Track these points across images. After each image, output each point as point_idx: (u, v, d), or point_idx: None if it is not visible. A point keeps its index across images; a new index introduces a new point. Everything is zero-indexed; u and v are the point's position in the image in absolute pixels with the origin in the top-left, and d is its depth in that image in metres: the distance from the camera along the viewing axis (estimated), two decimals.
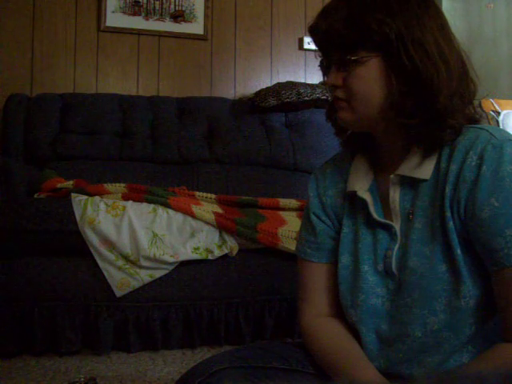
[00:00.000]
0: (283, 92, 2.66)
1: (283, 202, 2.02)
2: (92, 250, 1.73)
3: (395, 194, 0.78)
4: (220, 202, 1.99)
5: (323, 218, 0.89)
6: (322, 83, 2.71)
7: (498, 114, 2.87)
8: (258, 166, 2.61)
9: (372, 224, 0.81)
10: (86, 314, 1.76)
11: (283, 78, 3.01)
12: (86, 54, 2.78)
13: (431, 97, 0.72)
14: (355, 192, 0.82)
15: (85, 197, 1.82)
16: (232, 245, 1.82)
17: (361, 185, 0.83)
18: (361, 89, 0.75)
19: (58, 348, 1.74)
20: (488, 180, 0.68)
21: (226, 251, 1.82)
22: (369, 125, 0.79)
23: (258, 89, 2.82)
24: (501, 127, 2.81)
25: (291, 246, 1.78)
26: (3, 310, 1.71)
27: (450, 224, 0.71)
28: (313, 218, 0.90)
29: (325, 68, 0.81)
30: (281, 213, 1.96)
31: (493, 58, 4.68)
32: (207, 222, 1.80)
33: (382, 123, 0.77)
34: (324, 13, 0.77)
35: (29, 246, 1.74)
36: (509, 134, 0.73)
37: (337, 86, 0.77)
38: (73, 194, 1.84)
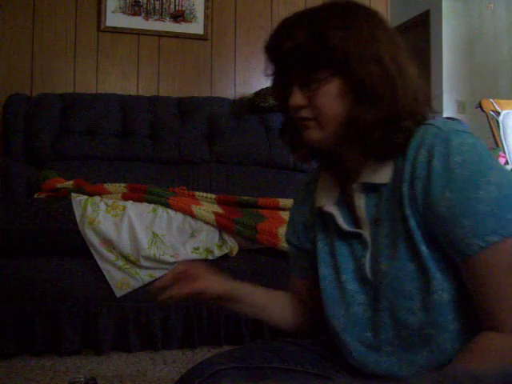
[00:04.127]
0: None
1: (283, 202, 2.02)
2: (92, 250, 1.73)
3: (360, 202, 0.80)
4: (220, 202, 1.99)
5: (296, 243, 0.96)
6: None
7: (498, 113, 2.87)
8: (258, 166, 2.61)
9: (345, 235, 0.83)
10: (86, 314, 1.76)
11: None
12: (86, 54, 2.78)
13: (386, 108, 0.73)
14: (322, 207, 0.85)
15: (85, 197, 1.82)
16: (232, 245, 1.82)
17: (327, 199, 0.85)
18: (327, 106, 0.75)
19: (58, 348, 1.74)
20: (439, 174, 0.69)
21: (226, 251, 1.82)
22: (335, 140, 0.78)
23: (258, 89, 2.83)
24: (500, 127, 2.80)
25: None
26: (3, 310, 1.71)
27: (412, 222, 0.72)
28: (288, 243, 0.99)
29: (281, 87, 0.81)
30: (281, 213, 1.96)
31: (493, 57, 4.68)
32: (207, 222, 1.80)
33: (345, 137, 0.77)
34: (283, 31, 0.78)
35: (29, 246, 1.74)
36: (457, 124, 0.74)
37: (303, 106, 0.77)
38: (73, 194, 1.84)
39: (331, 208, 0.84)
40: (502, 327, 0.66)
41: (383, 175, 0.76)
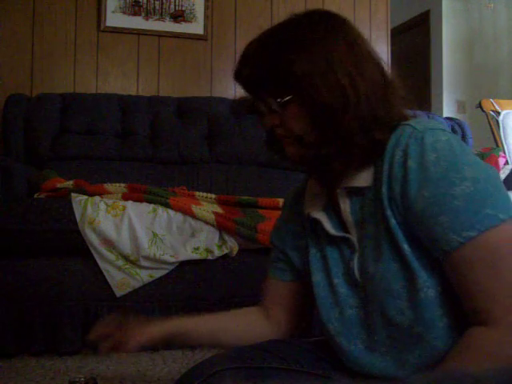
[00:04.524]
0: None
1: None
2: (92, 250, 1.73)
3: (345, 207, 0.81)
4: (220, 202, 1.99)
5: (279, 245, 0.97)
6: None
7: (498, 113, 2.87)
8: (258, 166, 2.61)
9: (334, 239, 0.84)
10: (85, 314, 1.76)
11: None
12: (86, 54, 2.78)
13: (342, 124, 0.74)
14: (310, 213, 0.86)
15: (85, 197, 1.82)
16: (232, 245, 1.82)
17: (315, 205, 0.86)
18: (294, 126, 0.77)
19: (58, 348, 1.74)
20: (415, 173, 0.70)
21: (226, 251, 1.82)
22: (315, 154, 0.79)
23: None
24: (500, 127, 2.81)
25: None
26: (3, 310, 1.71)
27: (392, 222, 0.73)
28: (273, 245, 1.00)
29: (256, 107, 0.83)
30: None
31: (493, 57, 4.68)
32: (207, 222, 1.80)
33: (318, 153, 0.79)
34: (243, 60, 0.80)
35: (29, 246, 1.74)
36: (432, 122, 0.74)
37: (276, 126, 0.79)
38: (73, 194, 1.84)
39: (319, 214, 0.85)
40: (488, 322, 0.66)
41: (364, 178, 0.78)
